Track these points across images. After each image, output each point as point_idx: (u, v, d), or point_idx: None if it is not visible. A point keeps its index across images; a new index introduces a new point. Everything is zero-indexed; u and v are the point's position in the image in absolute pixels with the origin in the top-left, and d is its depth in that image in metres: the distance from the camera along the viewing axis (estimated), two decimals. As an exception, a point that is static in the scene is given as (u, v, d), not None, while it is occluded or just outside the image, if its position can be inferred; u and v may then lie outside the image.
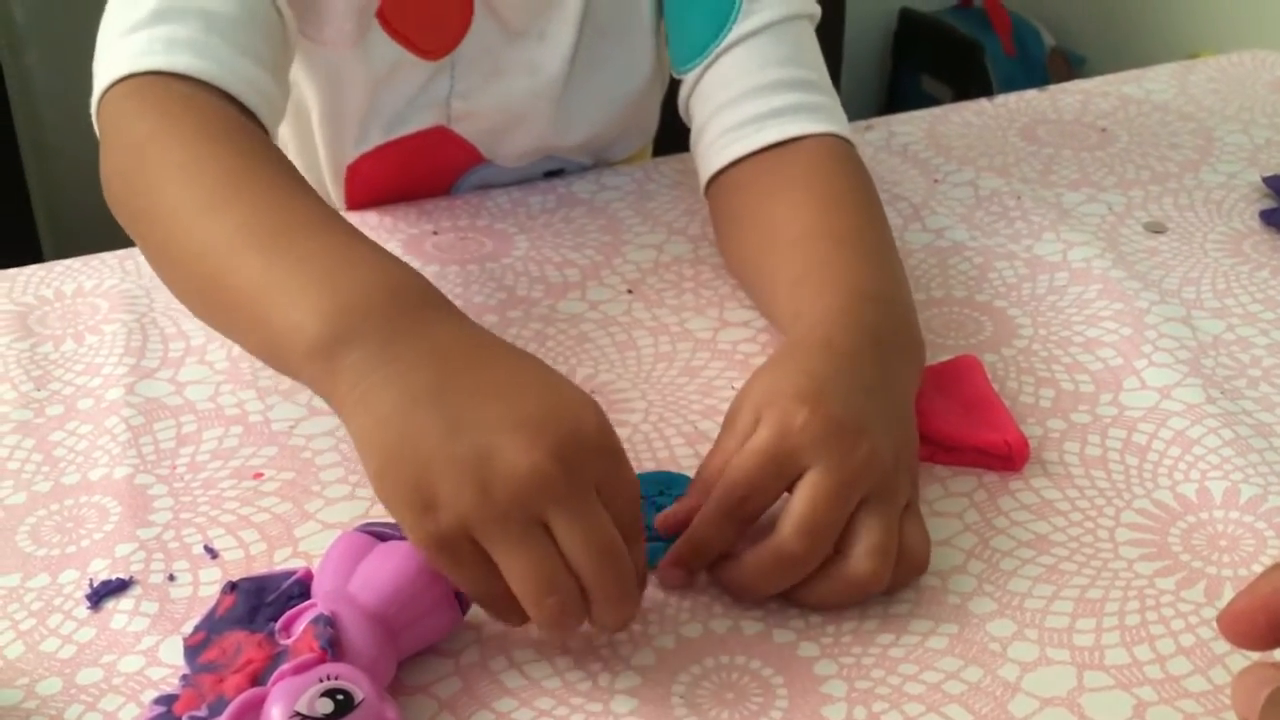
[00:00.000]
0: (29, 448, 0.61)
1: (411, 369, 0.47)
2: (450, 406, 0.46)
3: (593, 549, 0.45)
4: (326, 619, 0.45)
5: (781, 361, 0.55)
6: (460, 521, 0.44)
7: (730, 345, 0.68)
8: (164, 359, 0.67)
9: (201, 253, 0.54)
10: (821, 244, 0.62)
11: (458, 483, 0.44)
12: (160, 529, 0.56)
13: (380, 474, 0.46)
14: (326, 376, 0.48)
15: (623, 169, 0.86)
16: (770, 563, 0.49)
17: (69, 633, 0.51)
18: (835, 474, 0.49)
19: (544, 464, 0.44)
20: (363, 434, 0.47)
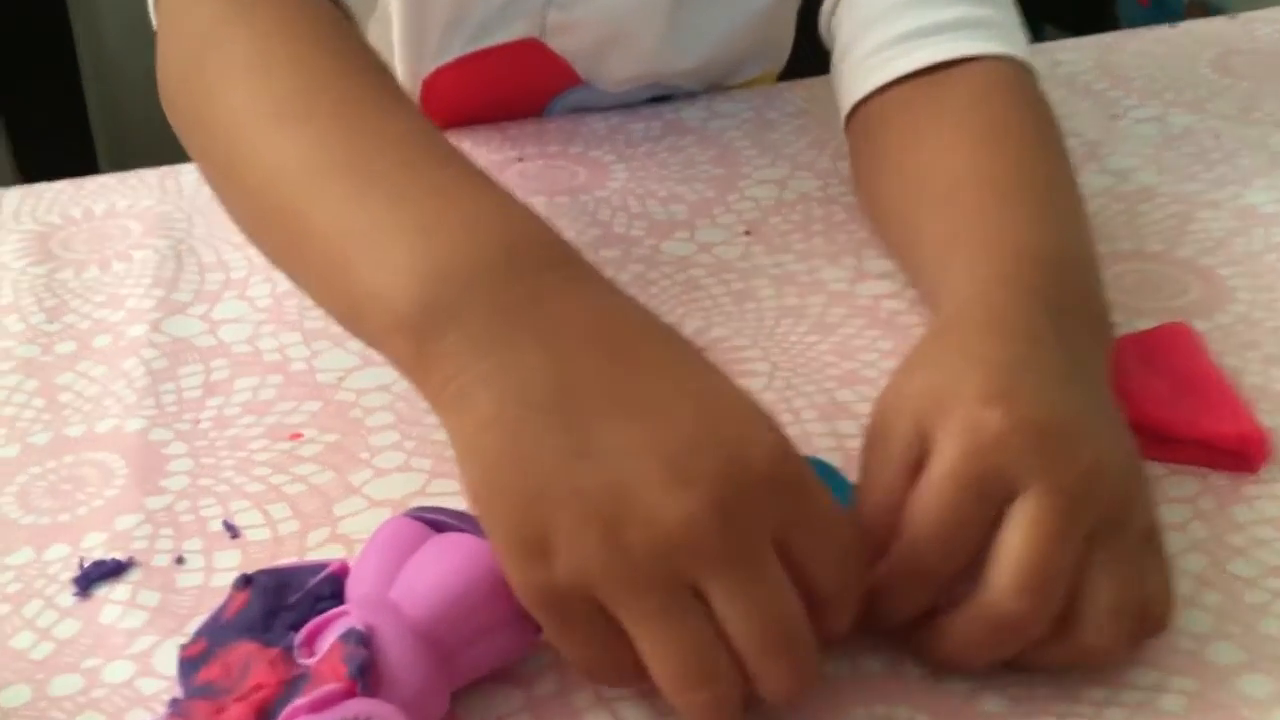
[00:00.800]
0: (30, 390, 0.51)
1: (526, 359, 0.35)
2: (576, 415, 0.34)
3: (762, 629, 0.33)
4: (360, 635, 0.34)
5: (938, 351, 0.42)
6: (580, 576, 0.33)
7: (871, 300, 0.56)
8: (198, 292, 0.57)
9: (270, 175, 0.42)
10: (977, 194, 0.49)
11: (581, 523, 0.33)
12: (173, 497, 0.46)
13: (480, 492, 0.35)
14: (416, 360, 0.37)
15: (738, 94, 0.74)
16: (984, 631, 0.36)
17: (47, 626, 0.41)
18: (1057, 498, 0.36)
19: (700, 511, 0.33)
20: (460, 439, 0.36)
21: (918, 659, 0.39)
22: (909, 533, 0.37)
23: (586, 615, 0.34)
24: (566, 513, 0.33)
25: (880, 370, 0.51)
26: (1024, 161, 0.50)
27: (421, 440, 0.48)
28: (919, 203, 0.51)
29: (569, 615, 0.34)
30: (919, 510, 0.37)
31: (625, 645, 0.34)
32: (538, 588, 0.34)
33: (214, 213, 0.62)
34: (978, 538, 0.36)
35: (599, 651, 0.35)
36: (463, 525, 0.37)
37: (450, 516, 0.38)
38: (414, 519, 0.38)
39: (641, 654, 0.34)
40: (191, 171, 0.65)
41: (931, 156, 0.52)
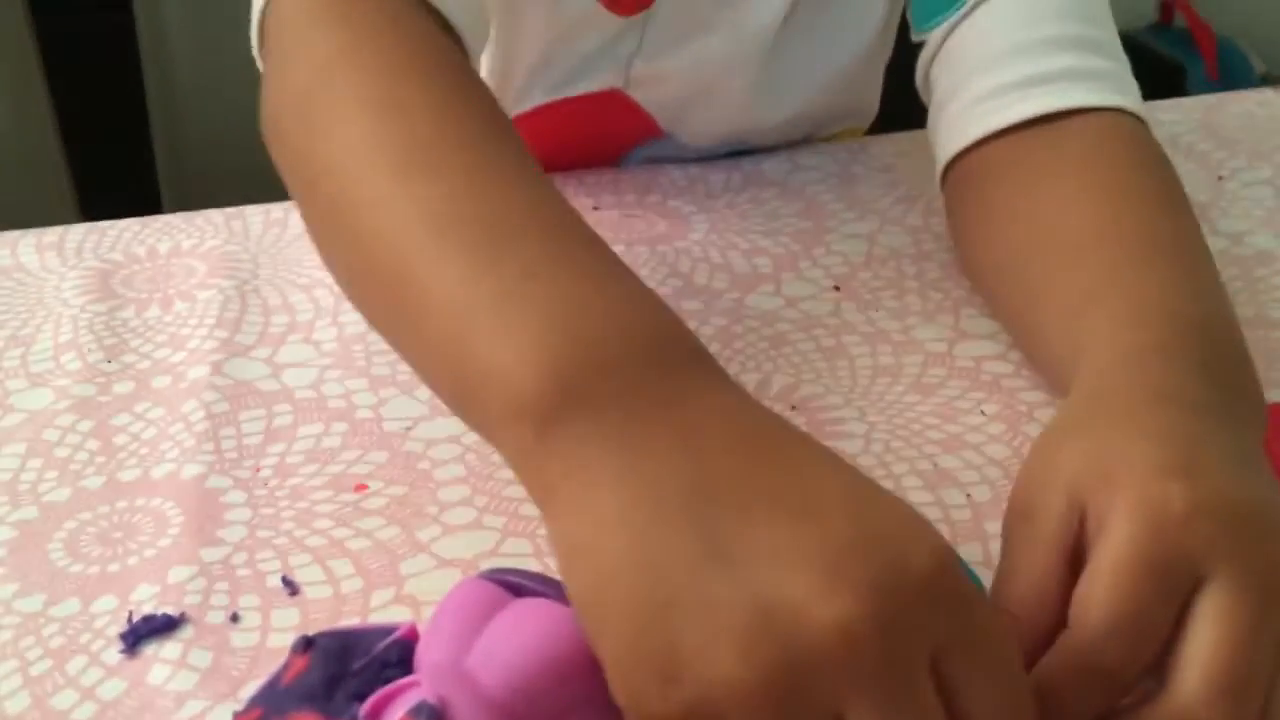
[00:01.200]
0: (84, 431, 0.49)
1: (659, 456, 0.31)
2: (712, 520, 0.30)
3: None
4: (432, 710, 0.31)
5: (1092, 418, 0.37)
6: (710, 702, 0.29)
7: (973, 362, 0.52)
8: (263, 335, 0.54)
9: (387, 228, 0.38)
10: (1111, 251, 0.45)
11: (713, 639, 0.29)
12: (230, 549, 0.43)
13: (592, 601, 0.31)
14: (534, 449, 0.33)
15: (823, 147, 0.71)
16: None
17: (91, 685, 0.38)
18: (1250, 588, 0.32)
19: (856, 624, 0.28)
20: (572, 539, 0.32)
21: None
22: (1082, 627, 0.32)
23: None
24: (697, 625, 0.29)
25: (987, 436, 0.48)
26: (1156, 219, 0.46)
27: (494, 496, 0.45)
28: (1041, 256, 0.47)
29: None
30: (1094, 601, 0.32)
31: None
32: (658, 715, 0.29)
33: (280, 254, 0.60)
34: (1162, 632, 0.32)
35: None
36: (545, 590, 0.34)
37: (531, 579, 0.35)
38: (490, 581, 0.35)
39: None
40: (258, 213, 0.64)
41: (1054, 208, 0.48)
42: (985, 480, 0.46)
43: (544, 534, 0.43)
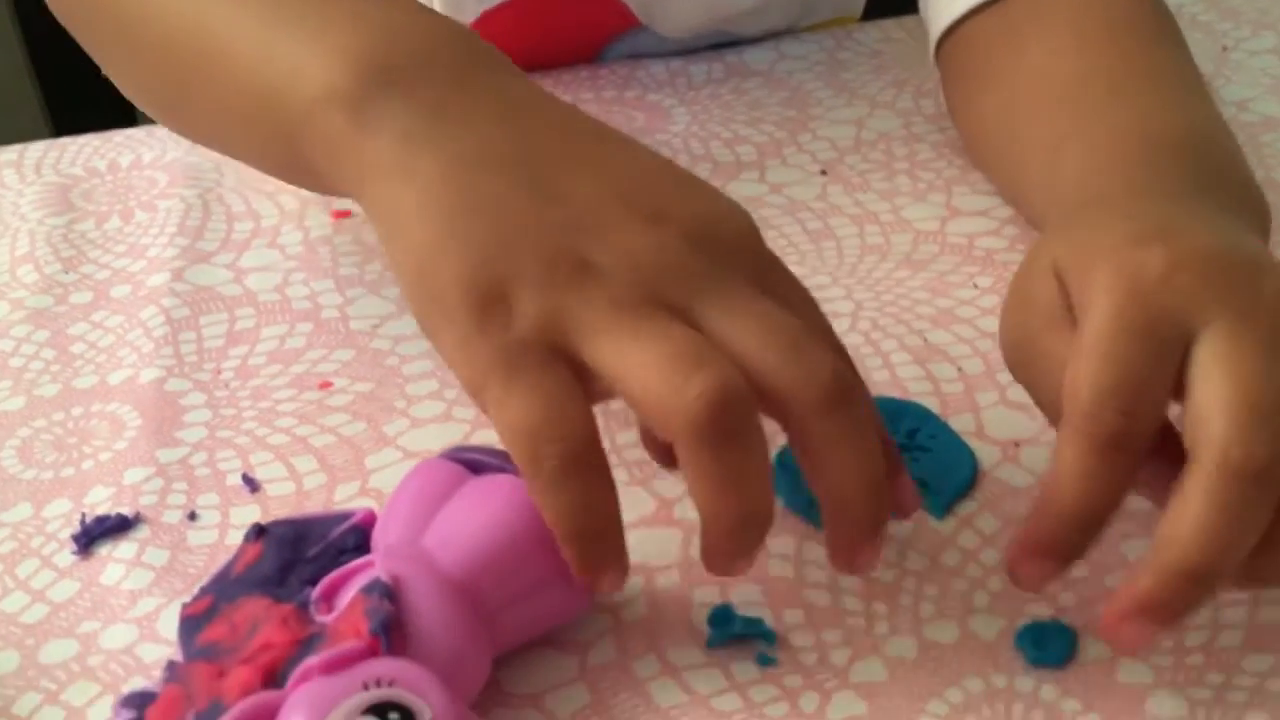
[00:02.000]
0: (40, 341, 0.47)
1: (481, 127, 0.32)
2: (539, 171, 0.32)
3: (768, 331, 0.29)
4: (385, 587, 0.29)
5: (1075, 218, 0.36)
6: (548, 315, 0.29)
7: (965, 239, 0.50)
8: (225, 241, 0.52)
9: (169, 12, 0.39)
10: (1093, 89, 0.43)
11: (550, 262, 0.30)
12: (189, 449, 0.41)
13: (424, 255, 0.31)
14: (347, 133, 0.33)
15: (807, 36, 0.68)
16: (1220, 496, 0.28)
17: (42, 587, 0.36)
18: (1248, 326, 0.30)
19: (674, 243, 0.31)
20: (402, 205, 0.32)
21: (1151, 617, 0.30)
22: (1075, 403, 0.30)
23: (541, 363, 0.29)
24: (534, 250, 0.30)
25: (979, 309, 0.45)
26: (1143, 53, 0.44)
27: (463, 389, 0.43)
28: (1027, 109, 0.45)
29: (520, 367, 0.29)
30: (1082, 375, 0.30)
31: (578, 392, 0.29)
32: (492, 344, 0.29)
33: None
34: (1158, 394, 0.30)
35: (548, 400, 0.29)
36: (508, 466, 0.32)
37: (493, 456, 0.33)
38: (451, 460, 0.33)
39: (618, 378, 0.29)
40: (223, 122, 0.61)
41: (1041, 61, 0.46)
42: (977, 353, 0.43)
43: (516, 424, 0.41)
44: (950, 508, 0.37)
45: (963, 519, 0.37)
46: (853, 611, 0.34)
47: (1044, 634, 0.33)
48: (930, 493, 0.37)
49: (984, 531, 0.36)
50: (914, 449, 0.39)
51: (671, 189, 0.32)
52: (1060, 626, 0.33)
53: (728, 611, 0.34)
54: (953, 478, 0.38)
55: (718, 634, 0.33)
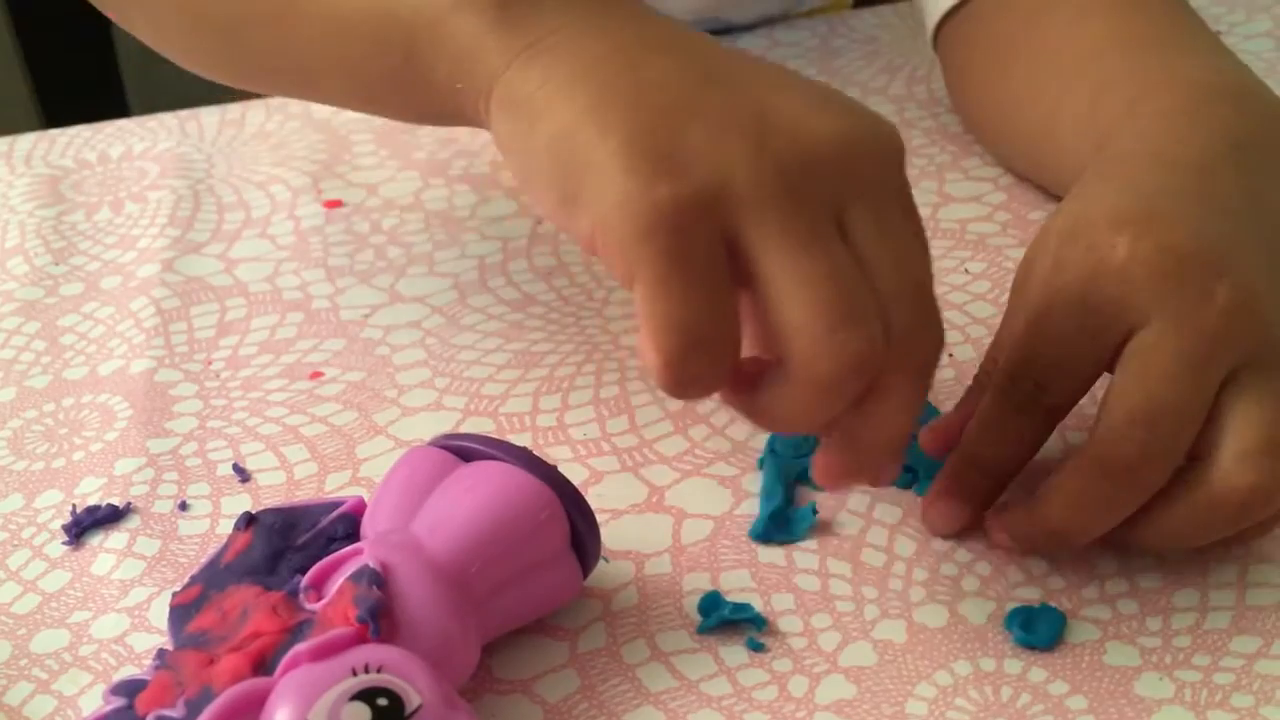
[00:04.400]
0: (30, 333, 0.47)
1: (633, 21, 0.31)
2: (707, 56, 0.31)
3: (910, 269, 0.30)
4: (374, 574, 0.29)
5: (1092, 183, 0.36)
6: (721, 187, 0.28)
7: (958, 224, 0.50)
8: (216, 231, 0.52)
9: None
10: (1126, 51, 0.43)
11: (723, 132, 0.29)
12: (179, 440, 0.41)
13: (579, 122, 0.29)
14: (491, 27, 0.32)
15: (800, 22, 0.68)
16: (1090, 481, 0.31)
17: (33, 577, 0.36)
18: (1180, 333, 0.31)
19: (853, 132, 0.29)
20: (550, 82, 0.30)
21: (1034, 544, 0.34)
22: (1002, 362, 0.33)
23: (707, 250, 0.28)
24: (704, 122, 0.29)
25: (971, 295, 0.45)
26: (1167, 15, 0.44)
27: (455, 378, 0.43)
28: (1051, 76, 0.45)
29: (687, 246, 0.27)
30: (1014, 336, 0.33)
31: (735, 299, 0.28)
32: (661, 204, 0.27)
33: (236, 153, 0.57)
34: (1081, 374, 0.32)
35: (705, 305, 0.28)
36: (498, 453, 0.32)
37: (482, 443, 0.33)
38: (439, 447, 0.33)
39: (783, 288, 0.28)
40: (214, 113, 0.61)
41: (1058, 31, 0.46)
42: (969, 339, 0.43)
43: (507, 411, 0.41)
44: (939, 493, 0.37)
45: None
46: (842, 596, 0.34)
47: (1032, 617, 0.33)
48: (921, 477, 0.37)
49: (973, 516, 0.37)
50: (904, 434, 0.39)
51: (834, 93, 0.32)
52: (1048, 609, 0.33)
53: (717, 597, 0.34)
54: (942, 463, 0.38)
55: (707, 619, 0.33)
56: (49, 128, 0.63)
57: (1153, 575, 0.34)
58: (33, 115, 0.82)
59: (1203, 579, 0.34)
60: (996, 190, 0.51)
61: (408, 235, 0.51)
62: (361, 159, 0.56)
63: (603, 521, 0.35)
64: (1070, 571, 0.35)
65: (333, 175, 0.55)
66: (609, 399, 0.42)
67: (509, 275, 0.48)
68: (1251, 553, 0.35)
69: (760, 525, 0.36)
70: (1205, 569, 0.34)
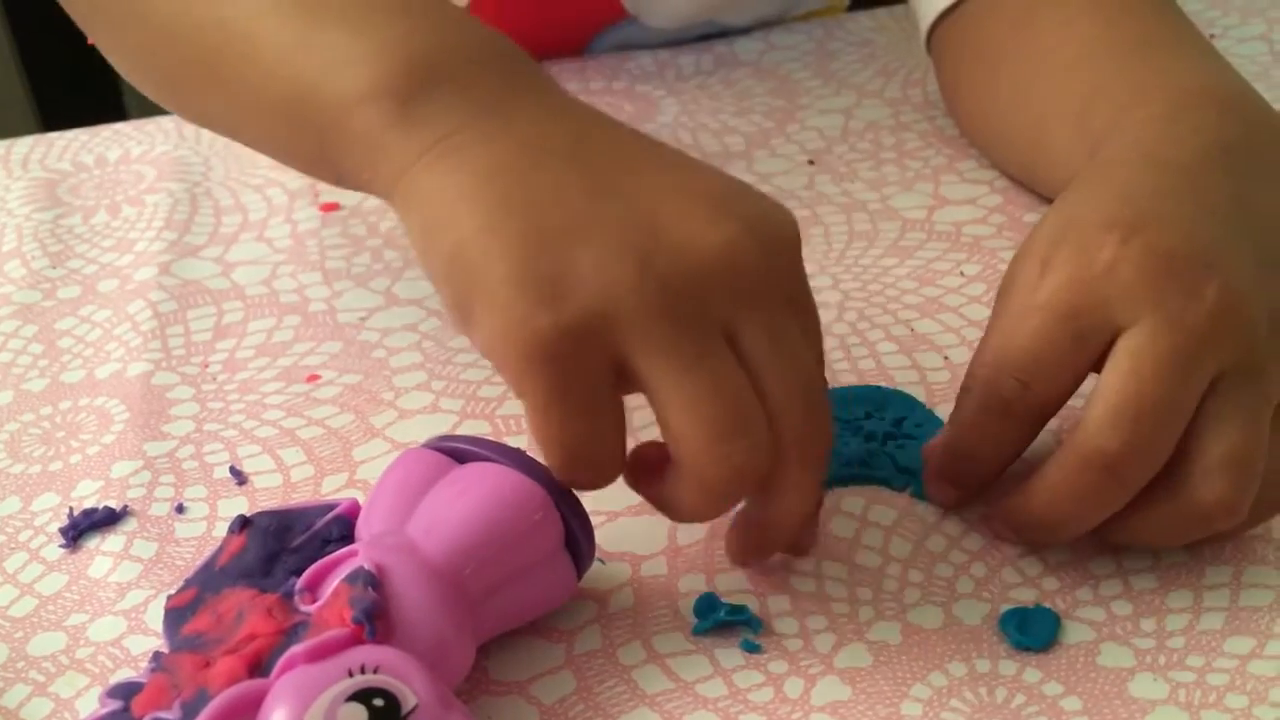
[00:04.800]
0: (28, 336, 0.47)
1: (535, 121, 0.32)
2: (596, 166, 0.31)
3: (796, 375, 0.30)
4: (369, 576, 0.29)
5: (1083, 185, 0.37)
6: (605, 311, 0.29)
7: (952, 226, 0.50)
8: (213, 235, 0.52)
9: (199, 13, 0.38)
10: (1116, 55, 0.44)
11: (610, 253, 0.29)
12: (176, 443, 0.41)
13: (477, 236, 0.30)
14: (394, 125, 0.32)
15: (797, 26, 0.68)
16: (1072, 475, 0.32)
17: (30, 580, 0.36)
18: (1170, 332, 0.31)
19: (742, 240, 0.30)
20: (447, 192, 0.31)
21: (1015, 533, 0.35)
22: (991, 360, 0.33)
23: (592, 370, 0.29)
24: (591, 244, 0.29)
25: (966, 297, 0.46)
26: (1158, 19, 0.44)
27: (452, 380, 0.43)
28: (1046, 79, 0.46)
29: (572, 369, 0.29)
30: (1003, 336, 0.33)
31: (619, 417, 0.30)
32: (546, 331, 0.28)
33: (233, 156, 0.58)
34: (1067, 376, 0.33)
35: (591, 420, 0.29)
36: (492, 455, 0.32)
37: (477, 445, 0.33)
38: (434, 449, 0.33)
39: (669, 406, 0.29)
40: (211, 116, 0.61)
41: (1050, 32, 0.46)
42: (964, 342, 0.44)
43: (504, 414, 0.42)
44: (935, 495, 0.38)
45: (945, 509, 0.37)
46: (837, 597, 0.34)
47: (1027, 618, 0.33)
48: (916, 480, 0.37)
49: (967, 518, 0.37)
50: (900, 437, 0.39)
51: (734, 189, 0.32)
52: (1043, 611, 0.33)
53: (713, 599, 0.34)
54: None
55: (703, 621, 0.34)
56: (46, 131, 0.63)
57: (1147, 576, 0.34)
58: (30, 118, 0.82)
59: (1197, 580, 0.34)
60: (992, 193, 0.52)
61: (404, 238, 0.51)
62: (358, 162, 0.56)
63: (599, 523, 0.36)
64: (1064, 573, 0.35)
65: (330, 178, 0.55)
66: (605, 401, 0.42)
67: (505, 278, 0.48)
68: (1245, 554, 0.35)
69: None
70: (1199, 570, 0.34)
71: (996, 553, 0.35)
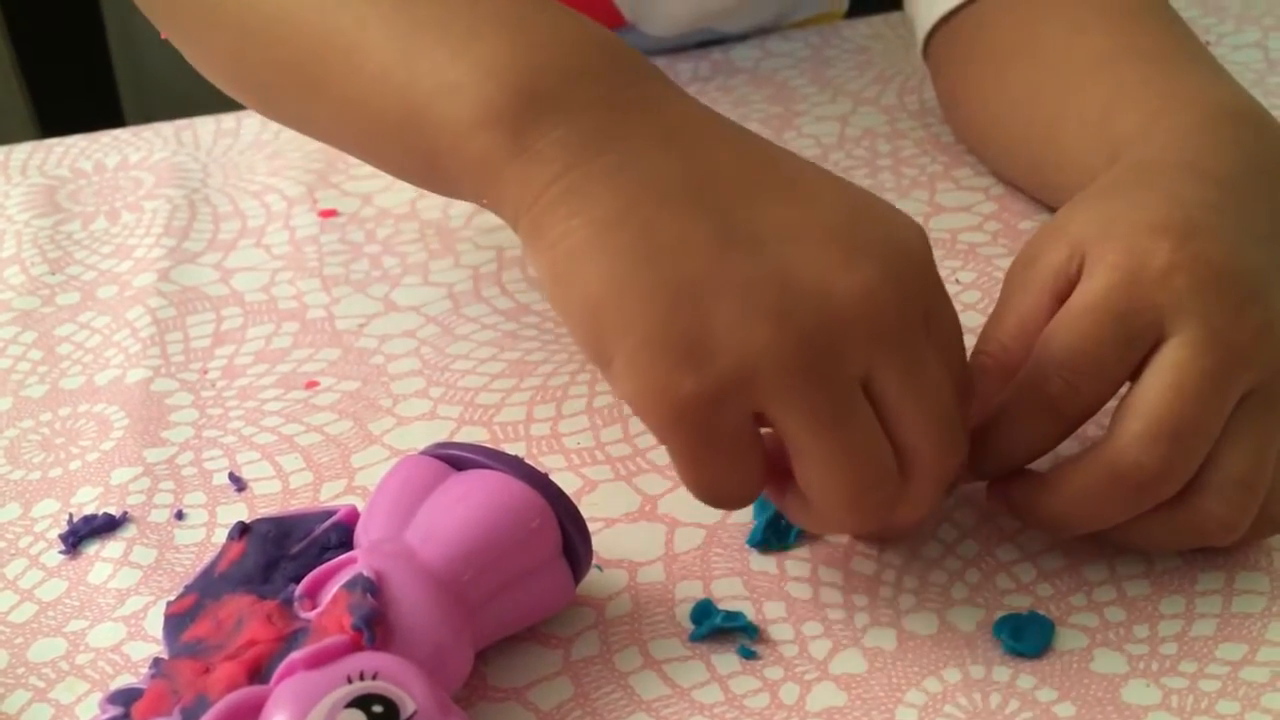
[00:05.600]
0: (27, 342, 0.47)
1: (649, 153, 0.31)
2: (719, 206, 0.30)
3: (933, 417, 0.30)
4: (367, 583, 0.29)
5: (1115, 185, 0.37)
6: (746, 376, 0.29)
7: (948, 234, 0.50)
8: (212, 241, 0.53)
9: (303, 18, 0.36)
10: (1137, 64, 0.43)
11: (745, 314, 0.29)
12: (176, 449, 0.41)
13: (606, 296, 0.29)
14: (510, 159, 0.31)
15: (793, 33, 0.68)
16: (1105, 481, 0.31)
17: (30, 586, 0.37)
18: (1214, 348, 0.31)
19: (877, 283, 0.29)
20: (572, 242, 0.30)
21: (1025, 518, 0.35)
22: (1037, 358, 0.33)
23: (734, 427, 0.30)
24: (727, 301, 0.29)
25: (963, 305, 0.46)
26: (1165, 32, 0.44)
27: (450, 387, 0.43)
28: (1054, 82, 0.45)
29: (715, 429, 0.29)
30: (1055, 334, 0.33)
31: (760, 460, 0.31)
32: (688, 396, 0.29)
33: (231, 163, 0.58)
34: (1113, 375, 0.32)
35: (733, 470, 0.30)
36: (490, 462, 0.33)
37: (475, 452, 0.33)
38: (433, 456, 0.33)
39: (805, 461, 0.30)
40: (209, 123, 0.61)
41: (1060, 37, 0.46)
42: (960, 348, 0.44)
43: (502, 421, 0.42)
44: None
45: (942, 512, 0.37)
46: (833, 604, 0.35)
47: (1021, 624, 0.33)
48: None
49: (963, 525, 0.37)
50: (895, 443, 0.39)
51: (860, 213, 0.31)
52: (1037, 617, 0.33)
53: (709, 605, 0.34)
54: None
55: (700, 627, 0.34)
56: (45, 137, 0.63)
57: (1140, 583, 0.35)
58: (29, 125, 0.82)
59: (1189, 586, 0.34)
60: (987, 200, 0.52)
61: (402, 245, 0.51)
62: (356, 168, 0.56)
63: (596, 530, 0.36)
64: (1058, 579, 0.35)
65: (328, 185, 0.55)
66: (603, 408, 0.42)
67: (503, 285, 0.49)
68: (1238, 560, 0.35)
69: (758, 533, 0.36)
70: (1192, 577, 0.35)
71: (990, 559, 0.36)
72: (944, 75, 0.55)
